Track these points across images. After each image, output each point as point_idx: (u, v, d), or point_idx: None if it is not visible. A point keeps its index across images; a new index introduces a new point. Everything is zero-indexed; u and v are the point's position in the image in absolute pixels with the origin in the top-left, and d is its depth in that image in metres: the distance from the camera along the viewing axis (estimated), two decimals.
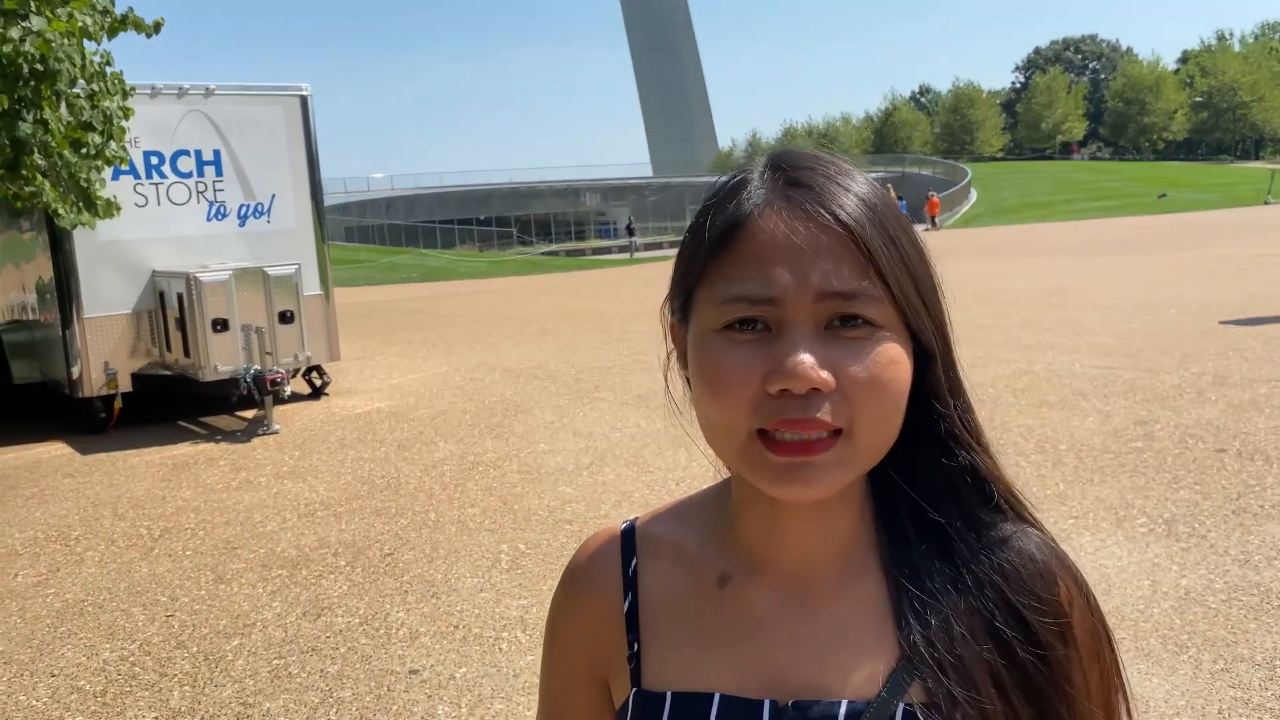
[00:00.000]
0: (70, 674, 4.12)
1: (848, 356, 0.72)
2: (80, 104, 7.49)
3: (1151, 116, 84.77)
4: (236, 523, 6.09)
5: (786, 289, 0.72)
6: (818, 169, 0.77)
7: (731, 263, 0.75)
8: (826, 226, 0.73)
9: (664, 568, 0.86)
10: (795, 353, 0.70)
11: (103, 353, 9.21)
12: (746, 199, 0.76)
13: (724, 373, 0.73)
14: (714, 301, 0.75)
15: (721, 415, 0.74)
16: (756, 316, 0.73)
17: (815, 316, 0.72)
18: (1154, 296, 13.32)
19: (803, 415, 0.71)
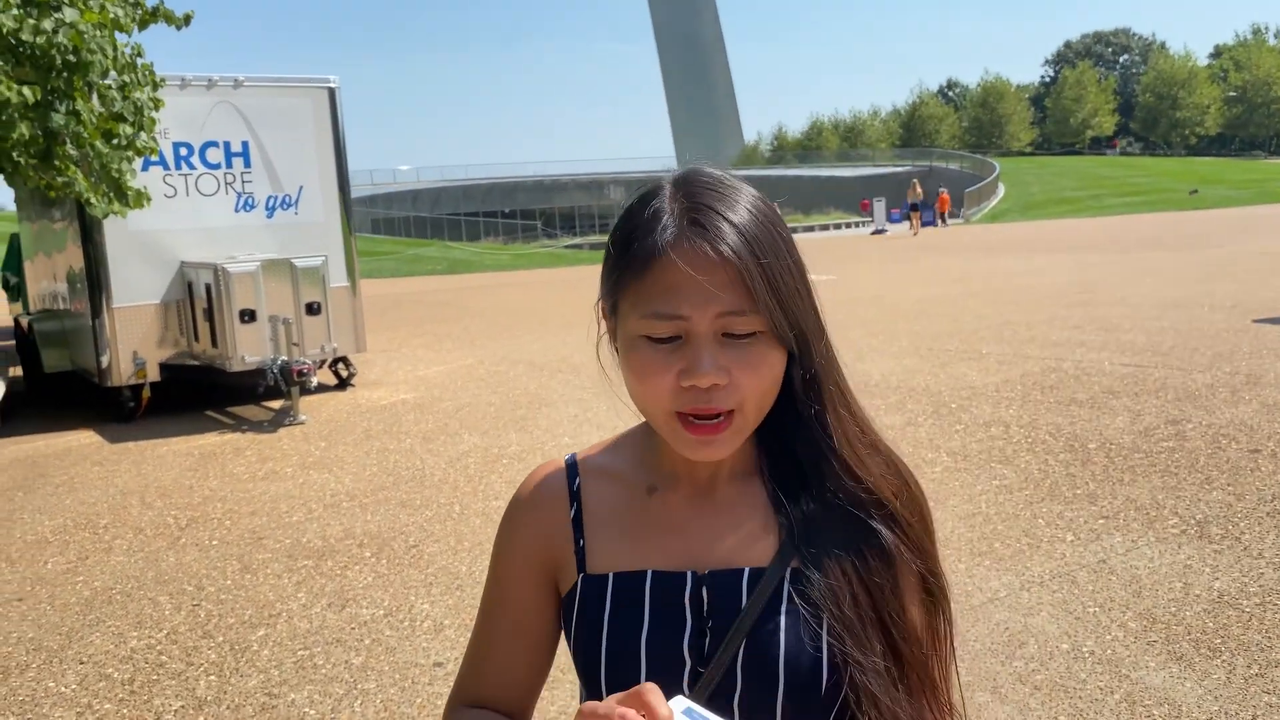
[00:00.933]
0: (99, 661, 4.16)
1: (736, 358, 0.98)
2: (112, 95, 7.54)
3: (1184, 111, 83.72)
4: (263, 513, 6.12)
5: (693, 308, 0.97)
6: (713, 205, 0.99)
7: (650, 287, 0.98)
8: (718, 264, 0.96)
9: (603, 485, 1.13)
10: (700, 360, 0.96)
11: (131, 342, 9.29)
12: (661, 233, 0.98)
13: (649, 370, 0.99)
14: (637, 314, 0.99)
15: (647, 399, 1.01)
16: (669, 332, 0.97)
17: (714, 328, 0.97)
18: (1185, 294, 13.15)
19: (706, 406, 0.97)
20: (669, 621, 1.04)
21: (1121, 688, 3.40)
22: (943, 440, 6.68)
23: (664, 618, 1.04)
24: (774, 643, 1.00)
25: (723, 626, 1.02)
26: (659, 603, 1.04)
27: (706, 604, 1.04)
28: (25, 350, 11.80)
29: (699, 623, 1.03)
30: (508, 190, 67.10)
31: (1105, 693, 3.38)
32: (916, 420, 7.26)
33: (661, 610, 1.04)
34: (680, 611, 1.04)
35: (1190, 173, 57.69)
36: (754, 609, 1.01)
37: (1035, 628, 3.89)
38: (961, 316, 12.57)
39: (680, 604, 1.04)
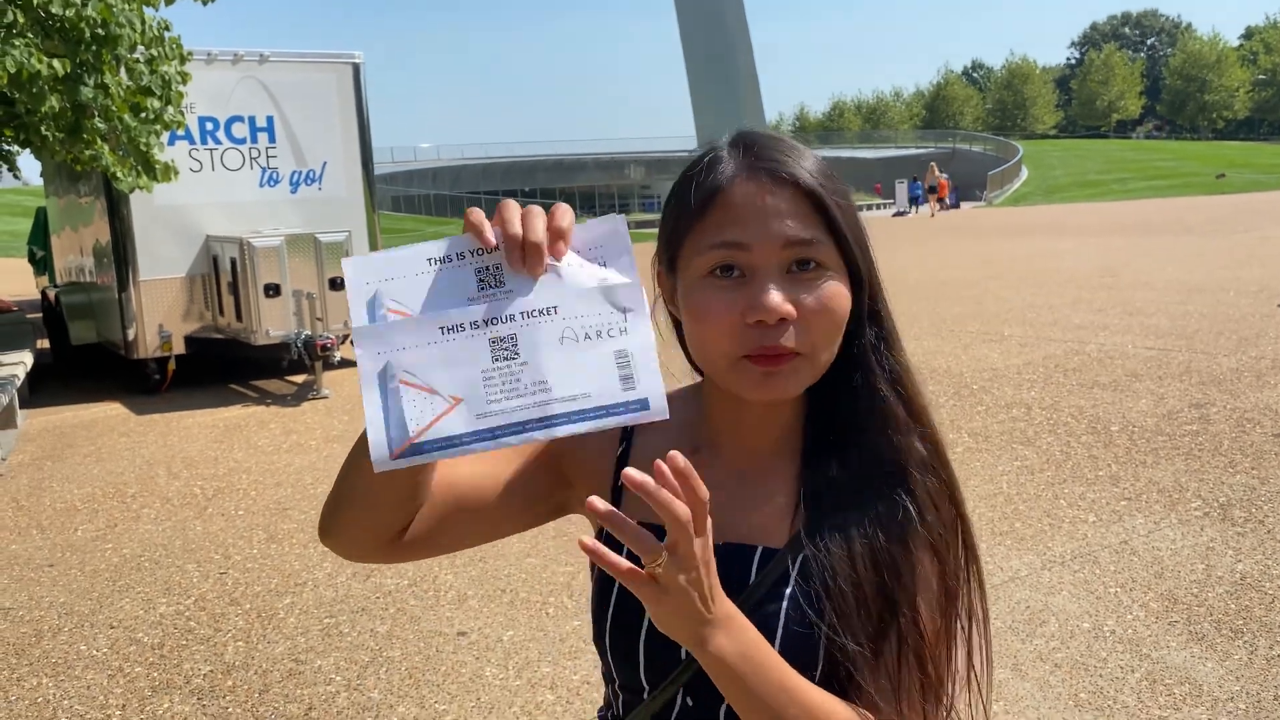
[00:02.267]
0: (129, 626, 4.23)
1: (804, 291, 0.94)
2: (140, 69, 7.59)
3: (1212, 94, 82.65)
4: (287, 484, 6.19)
5: (757, 239, 0.94)
6: (777, 147, 0.99)
7: (713, 221, 0.96)
8: (786, 189, 0.95)
9: (655, 434, 1.10)
10: (766, 291, 0.92)
11: (157, 315, 9.38)
12: (722, 171, 0.97)
13: (712, 310, 0.95)
14: (699, 251, 0.96)
15: (709, 343, 0.96)
16: (733, 263, 0.94)
17: (779, 261, 0.94)
18: (1210, 278, 13.04)
19: (773, 343, 0.93)
20: None
21: (1142, 667, 3.41)
22: (964, 421, 6.68)
23: None
24: (772, 626, 0.98)
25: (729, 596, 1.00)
26: None
27: None
28: (52, 323, 11.93)
29: None
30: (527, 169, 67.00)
31: (1126, 671, 3.39)
32: (938, 401, 7.25)
33: None
34: None
35: (1218, 157, 57.01)
36: (757, 589, 1.00)
37: (1056, 607, 3.90)
38: (983, 299, 12.51)
39: None
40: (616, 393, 0.80)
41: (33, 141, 7.65)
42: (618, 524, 0.80)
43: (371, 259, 0.82)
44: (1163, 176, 48.79)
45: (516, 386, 0.79)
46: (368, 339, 0.81)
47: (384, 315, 0.81)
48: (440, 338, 0.80)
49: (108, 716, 3.50)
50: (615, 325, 0.82)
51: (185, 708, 3.52)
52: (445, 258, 0.82)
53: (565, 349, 0.80)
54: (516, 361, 0.79)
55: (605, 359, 0.81)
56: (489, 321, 0.80)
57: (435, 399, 0.79)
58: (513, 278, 0.81)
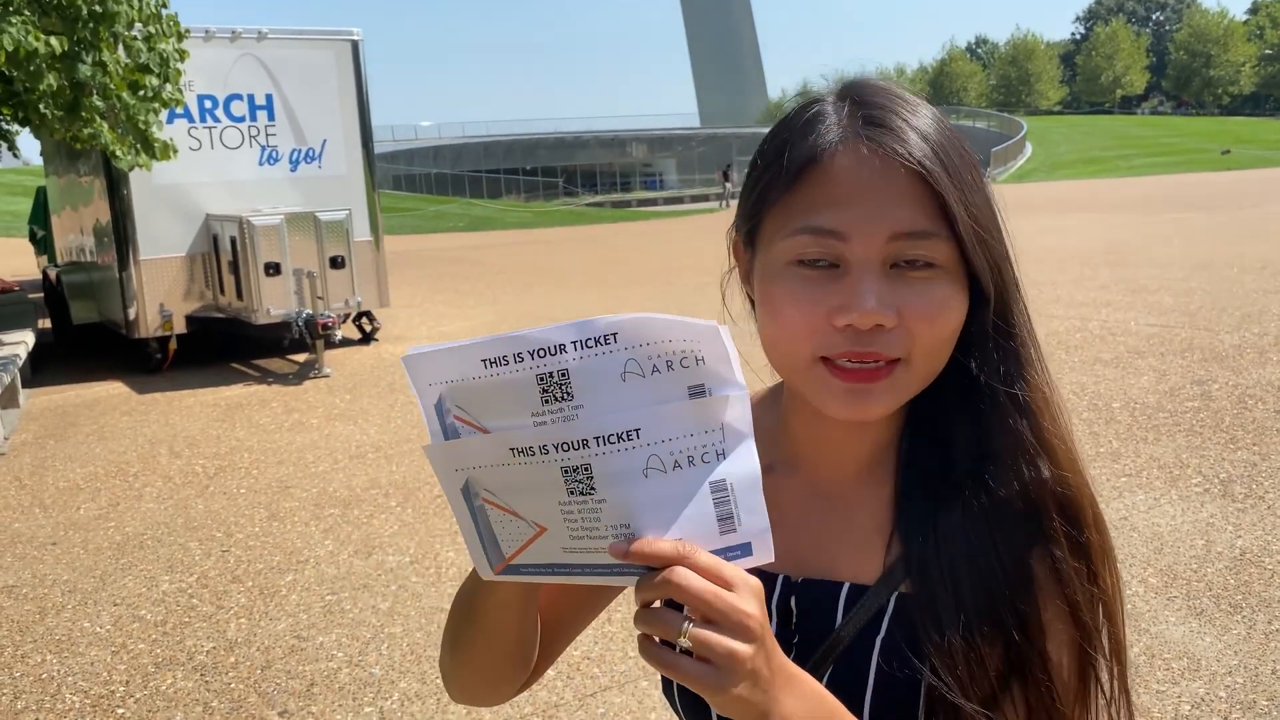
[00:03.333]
0: (132, 604, 4.25)
1: (911, 295, 0.78)
2: (137, 46, 7.56)
3: (1217, 69, 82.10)
4: (289, 463, 6.20)
5: (858, 226, 0.77)
6: (892, 106, 0.80)
7: (807, 197, 0.79)
8: (900, 168, 0.77)
9: None
10: (863, 292, 0.76)
11: (158, 294, 9.37)
12: (824, 134, 0.80)
13: (792, 305, 0.80)
14: (784, 232, 0.80)
15: (785, 341, 0.81)
16: (823, 254, 0.79)
17: (883, 255, 0.78)
18: (1214, 255, 12.99)
19: (866, 349, 0.78)
20: None
21: (1141, 641, 3.42)
22: None
23: None
24: (862, 677, 0.84)
25: (810, 643, 0.87)
26: None
27: (795, 614, 0.89)
28: (54, 302, 11.93)
29: (785, 633, 0.89)
30: (529, 147, 66.81)
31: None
32: None
33: None
34: None
35: (1223, 132, 56.73)
36: (846, 633, 0.85)
37: None
38: None
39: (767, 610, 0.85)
40: (714, 537, 0.68)
41: (31, 120, 7.63)
42: None
43: (428, 357, 0.71)
44: (1168, 153, 48.56)
45: (596, 527, 0.68)
46: (439, 458, 0.72)
47: (453, 425, 0.71)
48: (512, 459, 0.69)
49: (111, 693, 3.52)
50: (712, 448, 0.67)
51: (188, 684, 3.54)
52: (500, 359, 0.67)
53: (650, 483, 0.67)
54: (594, 498, 0.67)
55: (700, 493, 0.67)
56: (559, 447, 0.67)
57: (520, 523, 0.71)
58: (582, 388, 0.66)
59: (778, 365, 0.85)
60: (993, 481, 0.84)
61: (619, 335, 0.65)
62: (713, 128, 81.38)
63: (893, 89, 0.83)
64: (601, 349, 0.65)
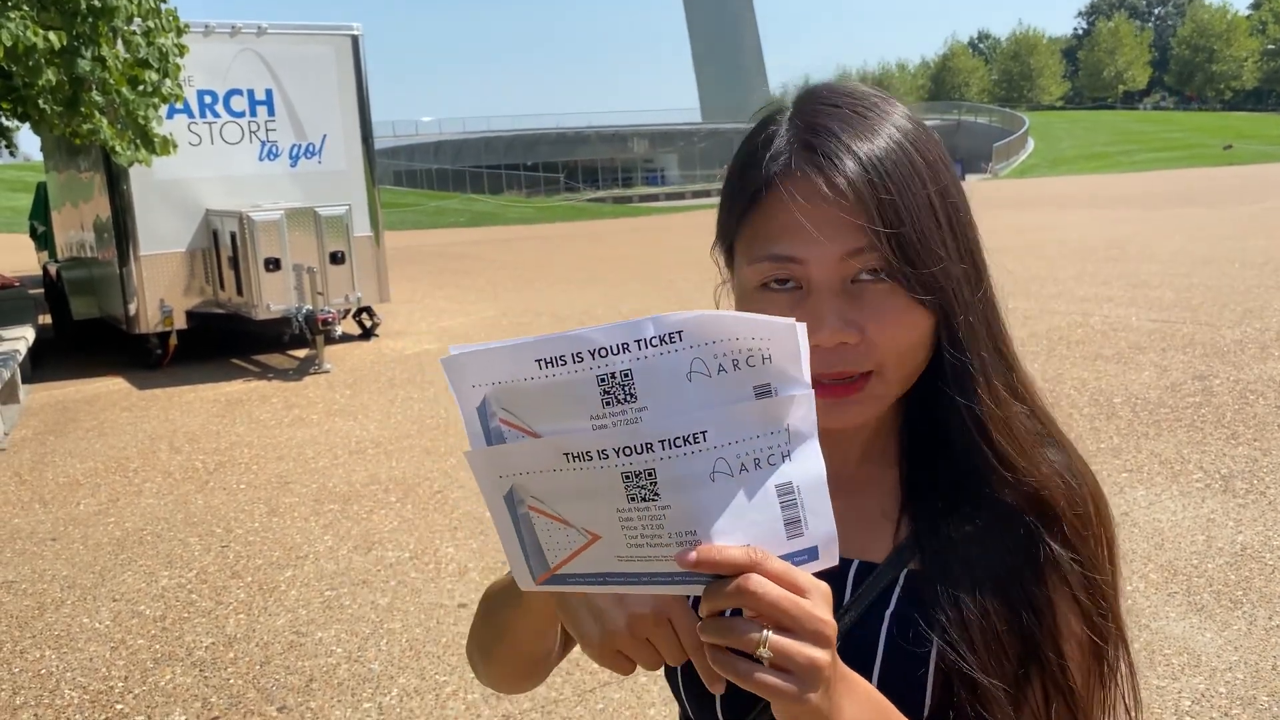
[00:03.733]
0: (131, 599, 4.25)
1: (870, 310, 0.80)
2: (137, 41, 7.54)
3: (1220, 64, 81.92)
4: (289, 458, 6.20)
5: (812, 250, 0.80)
6: (833, 125, 0.82)
7: (764, 224, 0.83)
8: (843, 189, 0.79)
9: None
10: (824, 314, 0.79)
11: (158, 290, 9.37)
12: (772, 161, 0.83)
13: None
14: (749, 259, 0.84)
15: None
16: (788, 276, 0.81)
17: (840, 274, 0.80)
18: (1216, 250, 12.97)
19: (834, 368, 0.81)
20: None
21: (1141, 637, 3.41)
22: None
23: None
24: (869, 651, 0.85)
25: None
26: None
27: None
28: (54, 298, 11.93)
29: None
30: (530, 142, 66.71)
31: None
32: None
33: None
34: None
35: (1226, 128, 56.63)
36: (855, 608, 0.87)
37: None
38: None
39: None
40: (781, 542, 0.66)
41: (31, 115, 7.61)
42: None
43: (474, 356, 0.66)
44: (1170, 148, 48.50)
45: (659, 535, 0.65)
46: (482, 464, 0.68)
47: (497, 429, 0.67)
48: (566, 464, 0.66)
49: (110, 688, 3.52)
50: (778, 449, 0.65)
51: (187, 679, 3.54)
52: (557, 359, 0.64)
53: (717, 487, 0.64)
54: (657, 504, 0.64)
55: (767, 497, 0.65)
56: (620, 451, 0.64)
57: (570, 531, 0.68)
58: (646, 389, 0.63)
59: None
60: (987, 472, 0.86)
61: (684, 333, 0.62)
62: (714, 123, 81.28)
63: (846, 99, 0.84)
64: (667, 347, 0.62)
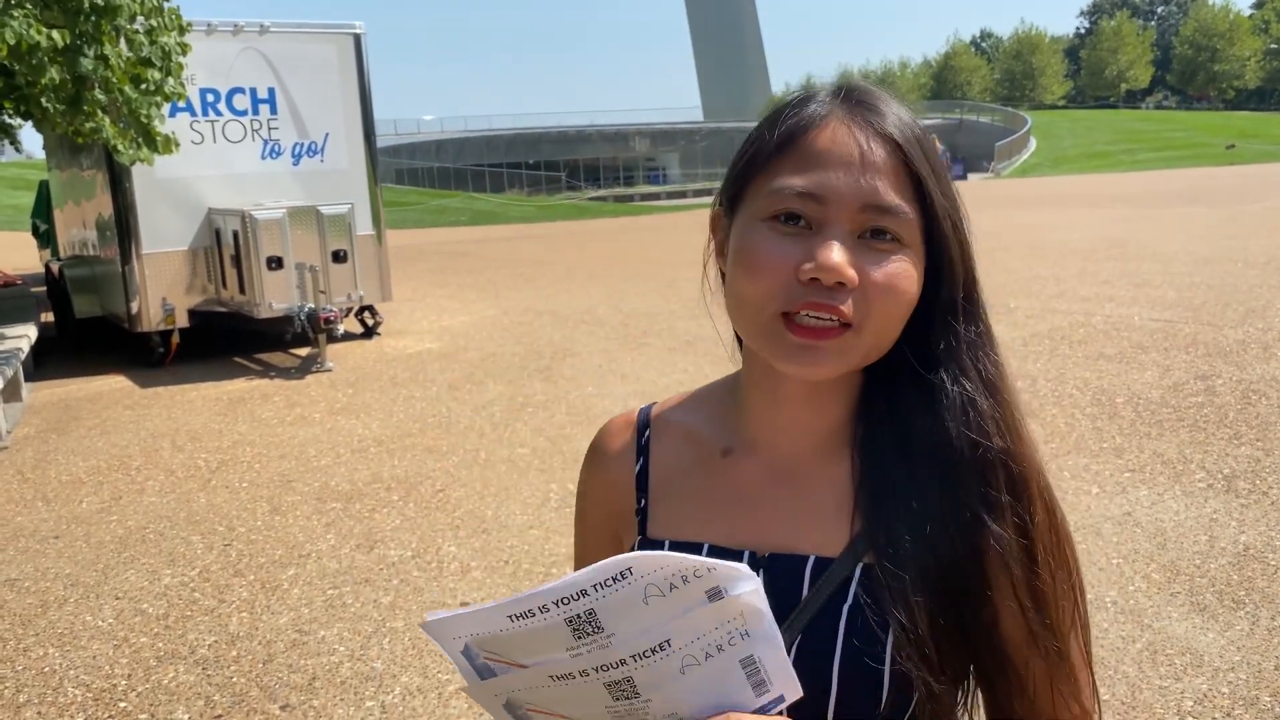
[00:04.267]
0: (134, 597, 4.25)
1: (873, 263, 0.83)
2: (139, 40, 7.54)
3: (1223, 64, 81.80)
4: (291, 457, 6.20)
5: (835, 192, 0.83)
6: (878, 95, 0.89)
7: (793, 159, 0.86)
8: (882, 143, 0.85)
9: (673, 443, 1.01)
10: (831, 248, 0.82)
11: (160, 288, 9.37)
12: (814, 111, 0.88)
13: (764, 255, 0.85)
14: (766, 190, 0.86)
15: (753, 293, 0.85)
16: (800, 211, 0.84)
17: (854, 223, 0.84)
18: (1218, 249, 12.96)
19: (826, 300, 0.82)
20: None
21: (1144, 637, 3.41)
22: None
23: None
24: (829, 646, 0.87)
25: (778, 615, 0.89)
26: None
27: None
28: (56, 296, 11.94)
29: None
30: (531, 141, 66.68)
31: (1127, 642, 3.39)
32: None
33: None
34: None
35: (1228, 127, 56.55)
36: (813, 603, 0.89)
37: None
38: (990, 270, 12.33)
39: None
40: (752, 699, 0.75)
41: (33, 114, 7.62)
42: None
43: (448, 623, 0.75)
44: (1173, 147, 48.44)
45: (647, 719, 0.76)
46: (480, 695, 0.78)
47: (485, 665, 0.76)
48: (553, 684, 0.75)
49: (113, 686, 3.52)
50: (736, 631, 0.74)
51: (190, 677, 3.54)
52: (525, 613, 0.72)
53: (688, 678, 0.74)
54: (640, 700, 0.74)
55: (733, 672, 0.74)
56: (598, 669, 0.74)
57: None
58: (610, 619, 0.72)
59: (738, 321, 0.90)
60: (948, 459, 0.88)
61: (634, 568, 0.71)
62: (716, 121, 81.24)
63: (884, 90, 0.91)
64: (621, 584, 0.71)
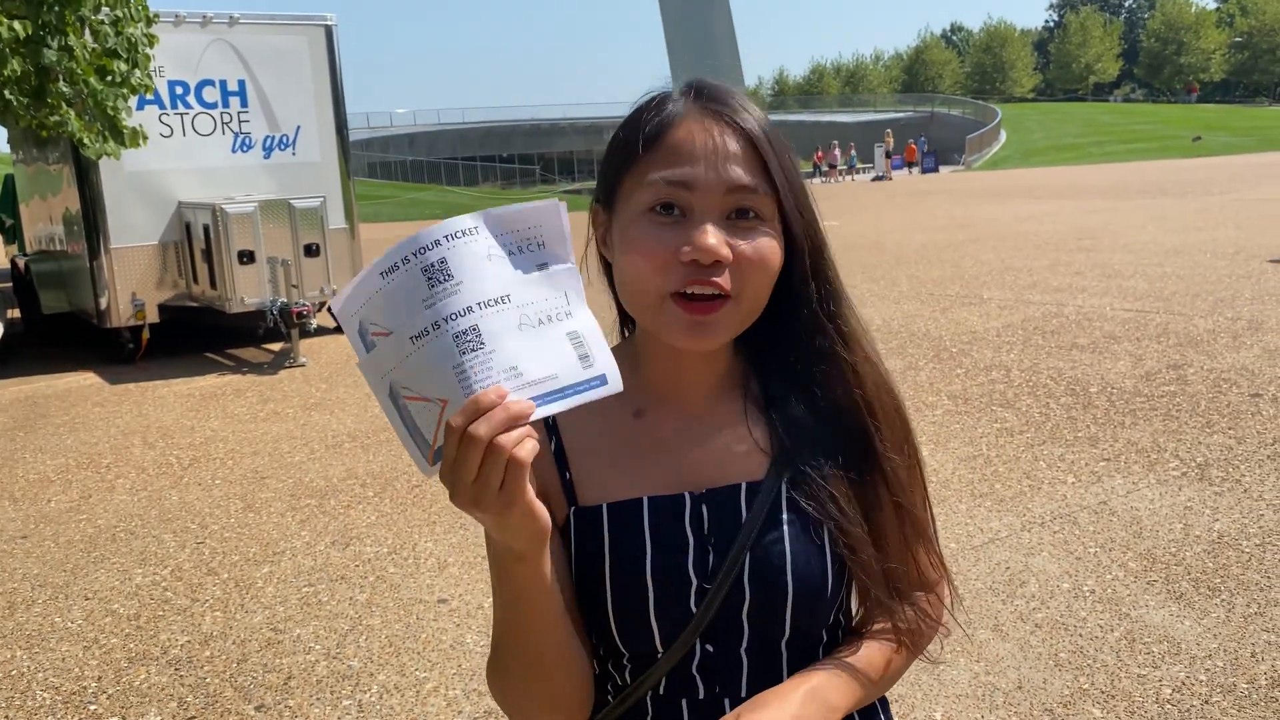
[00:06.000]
0: (104, 597, 4.18)
1: (741, 240, 0.96)
2: (105, 30, 7.41)
3: (1188, 57, 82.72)
4: (264, 453, 6.13)
5: (702, 179, 0.95)
6: (728, 91, 1.00)
7: (659, 157, 0.97)
8: (736, 134, 0.97)
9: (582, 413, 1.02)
10: (706, 232, 0.93)
11: (130, 283, 9.24)
12: (672, 110, 0.99)
13: (648, 245, 0.96)
14: (640, 185, 0.97)
15: (642, 279, 0.96)
16: (674, 201, 0.95)
17: (721, 207, 0.95)
18: (1187, 240, 13.09)
19: (707, 279, 0.94)
20: (671, 544, 1.02)
21: (1121, 625, 3.43)
22: (943, 384, 6.68)
23: (666, 541, 1.02)
24: (779, 552, 1.01)
25: (725, 542, 1.01)
26: (659, 528, 1.02)
27: (707, 522, 1.03)
28: (23, 292, 11.75)
29: (701, 541, 1.02)
30: (505, 134, 66.36)
31: (1105, 630, 3.41)
32: (917, 365, 7.25)
33: (662, 534, 1.02)
34: (681, 532, 1.02)
35: (1194, 119, 57.18)
36: (755, 521, 1.01)
37: (1036, 567, 3.92)
38: (963, 262, 12.51)
39: (680, 526, 1.02)
40: (578, 371, 0.84)
41: None
42: None
43: (345, 292, 0.85)
44: (1140, 139, 48.92)
45: (489, 374, 0.81)
46: (367, 369, 0.84)
47: (371, 341, 0.84)
48: (412, 347, 0.82)
49: (84, 688, 3.46)
50: (561, 309, 0.85)
51: (162, 678, 3.49)
52: (391, 267, 0.82)
53: (525, 335, 0.83)
54: (484, 350, 0.81)
55: (561, 341, 0.84)
56: (448, 319, 0.81)
57: (430, 405, 0.82)
58: (460, 267, 0.82)
59: (632, 305, 1.01)
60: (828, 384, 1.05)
61: (478, 227, 0.83)
62: None
63: (730, 86, 1.02)
64: (468, 238, 0.83)
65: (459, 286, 0.81)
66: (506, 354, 0.81)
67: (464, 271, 0.82)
